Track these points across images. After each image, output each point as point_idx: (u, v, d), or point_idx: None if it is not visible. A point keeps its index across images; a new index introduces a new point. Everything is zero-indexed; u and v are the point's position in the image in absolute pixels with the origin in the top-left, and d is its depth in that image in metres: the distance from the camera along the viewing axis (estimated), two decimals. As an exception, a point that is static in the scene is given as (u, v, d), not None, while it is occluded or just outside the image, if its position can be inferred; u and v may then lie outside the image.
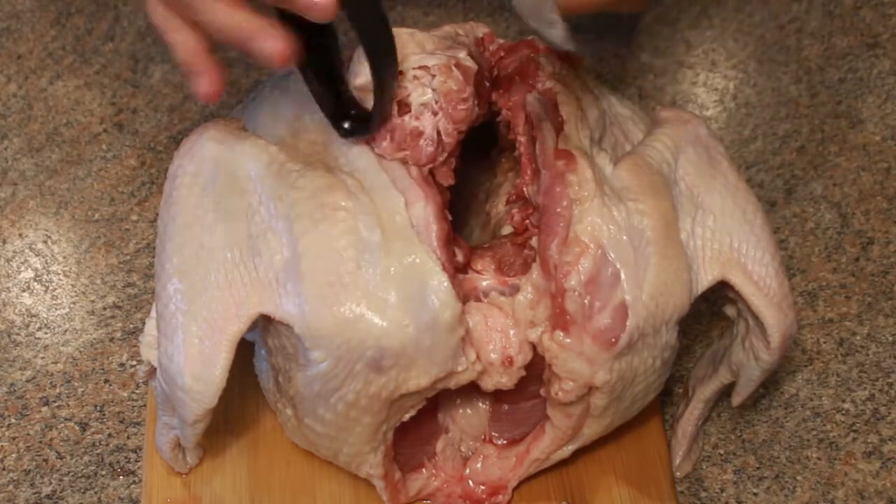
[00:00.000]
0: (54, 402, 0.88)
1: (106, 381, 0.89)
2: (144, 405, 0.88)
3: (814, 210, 1.01)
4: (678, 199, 0.76)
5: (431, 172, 0.74)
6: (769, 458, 0.88)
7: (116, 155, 1.02)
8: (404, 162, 0.74)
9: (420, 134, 0.73)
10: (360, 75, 0.75)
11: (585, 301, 0.71)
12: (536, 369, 0.74)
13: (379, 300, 0.69)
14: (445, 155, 0.74)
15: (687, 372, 0.91)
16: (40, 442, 0.87)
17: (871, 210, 1.01)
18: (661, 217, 0.73)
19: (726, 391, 0.84)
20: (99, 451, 0.86)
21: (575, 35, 0.71)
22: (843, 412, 0.90)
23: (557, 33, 0.71)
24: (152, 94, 1.05)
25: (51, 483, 0.85)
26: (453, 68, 0.74)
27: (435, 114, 0.73)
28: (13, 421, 0.87)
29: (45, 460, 0.86)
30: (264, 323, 0.74)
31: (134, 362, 0.90)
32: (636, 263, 0.72)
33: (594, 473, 0.83)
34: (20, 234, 0.97)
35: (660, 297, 0.72)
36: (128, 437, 0.87)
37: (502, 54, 0.81)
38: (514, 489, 0.81)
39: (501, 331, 0.73)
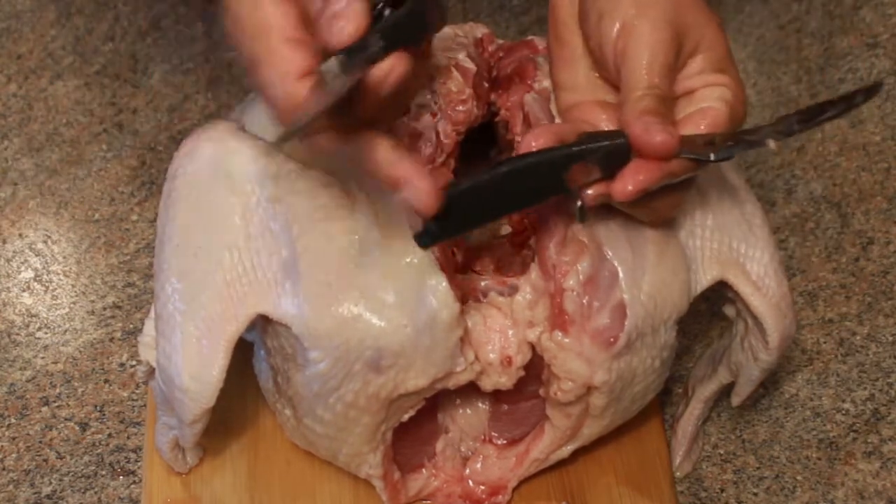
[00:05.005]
0: (54, 402, 0.88)
1: (106, 381, 0.90)
2: (144, 405, 0.88)
3: (814, 210, 1.01)
4: (677, 198, 0.76)
5: (430, 173, 0.74)
6: (769, 458, 0.88)
7: (116, 155, 1.02)
8: (403, 162, 0.74)
9: (419, 135, 0.73)
10: None
11: (584, 301, 0.71)
12: (535, 369, 0.74)
13: (377, 300, 0.69)
14: (444, 156, 0.74)
15: (687, 372, 0.91)
16: (40, 442, 0.87)
17: (871, 210, 1.01)
18: (660, 217, 0.73)
19: (726, 391, 0.84)
20: (99, 451, 0.86)
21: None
22: (843, 412, 0.90)
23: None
24: (152, 94, 1.05)
25: (51, 483, 0.85)
26: (452, 70, 0.74)
27: (434, 115, 0.73)
28: (13, 421, 0.87)
29: (45, 460, 0.86)
30: (263, 323, 0.74)
31: (134, 362, 0.90)
32: (634, 263, 0.72)
33: (594, 473, 0.83)
34: (20, 234, 0.97)
35: (658, 296, 0.72)
36: (128, 437, 0.87)
37: (501, 55, 0.81)
38: (514, 489, 0.81)
39: (500, 331, 0.73)
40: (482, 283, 0.75)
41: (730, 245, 0.76)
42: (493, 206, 0.65)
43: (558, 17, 0.72)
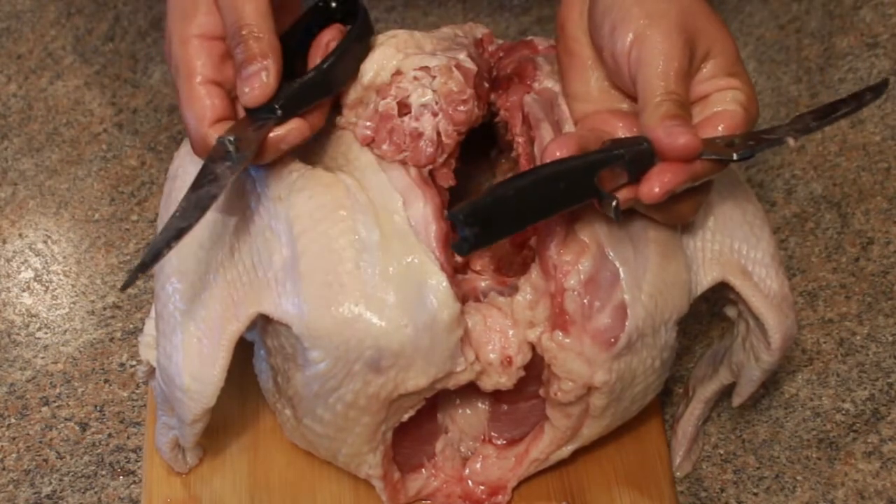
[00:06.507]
0: (54, 402, 0.88)
1: (106, 381, 0.90)
2: (144, 405, 0.88)
3: (814, 210, 1.01)
4: (677, 198, 0.76)
5: (431, 173, 0.74)
6: (769, 458, 0.88)
7: (116, 155, 1.02)
8: (403, 163, 0.74)
9: (420, 135, 0.73)
10: (368, 72, 0.74)
11: (585, 301, 0.71)
12: (536, 369, 0.74)
13: (377, 300, 0.69)
14: (445, 156, 0.74)
15: (687, 372, 0.91)
16: (40, 442, 0.87)
17: (871, 210, 1.01)
18: (661, 217, 0.73)
19: (726, 391, 0.84)
20: (99, 451, 0.86)
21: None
22: (843, 412, 0.90)
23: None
24: (152, 94, 1.05)
25: (51, 483, 0.85)
26: (454, 69, 0.74)
27: (435, 115, 0.73)
28: (13, 421, 0.87)
29: (45, 460, 0.86)
30: (263, 323, 0.74)
31: (134, 362, 0.90)
32: (636, 263, 0.72)
33: (594, 473, 0.83)
34: (20, 234, 0.97)
35: (659, 297, 0.72)
36: (128, 437, 0.87)
37: (501, 55, 0.81)
38: (514, 489, 0.81)
39: (500, 331, 0.73)
40: (482, 283, 0.75)
41: (731, 246, 0.76)
42: (528, 212, 0.66)
43: (568, 30, 0.73)
